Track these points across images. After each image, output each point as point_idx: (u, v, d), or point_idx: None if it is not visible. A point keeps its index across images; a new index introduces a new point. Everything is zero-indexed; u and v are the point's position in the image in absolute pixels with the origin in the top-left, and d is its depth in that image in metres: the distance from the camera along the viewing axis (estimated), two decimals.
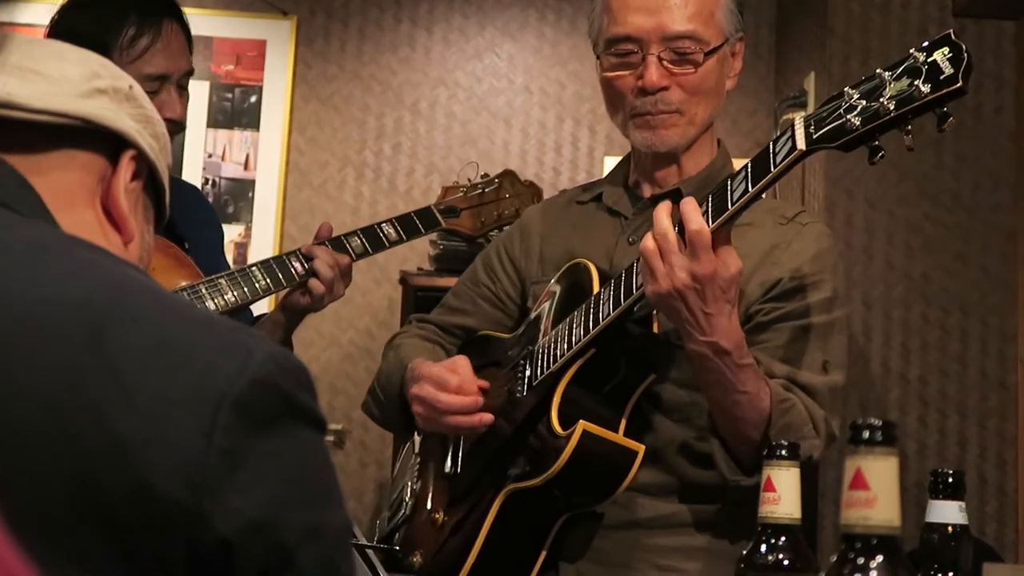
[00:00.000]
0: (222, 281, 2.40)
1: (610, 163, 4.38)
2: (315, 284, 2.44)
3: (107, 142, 1.14)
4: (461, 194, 2.68)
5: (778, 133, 1.79)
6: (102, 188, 1.14)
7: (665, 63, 2.02)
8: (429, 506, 2.13)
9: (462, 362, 2.06)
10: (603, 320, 1.89)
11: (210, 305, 2.37)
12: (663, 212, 1.80)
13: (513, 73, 4.61)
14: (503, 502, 1.98)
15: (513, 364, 2.08)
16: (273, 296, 2.54)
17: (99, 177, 1.14)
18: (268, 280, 2.44)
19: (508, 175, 2.75)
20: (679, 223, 1.79)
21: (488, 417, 2.02)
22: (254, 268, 2.44)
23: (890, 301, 3.85)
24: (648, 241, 1.79)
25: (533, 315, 2.11)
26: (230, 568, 0.91)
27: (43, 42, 1.17)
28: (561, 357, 1.95)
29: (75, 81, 1.11)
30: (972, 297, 3.86)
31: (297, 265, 2.46)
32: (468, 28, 4.62)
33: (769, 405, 1.86)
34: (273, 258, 2.48)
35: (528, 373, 2.03)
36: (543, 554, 1.98)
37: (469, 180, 2.72)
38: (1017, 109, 3.92)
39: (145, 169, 1.18)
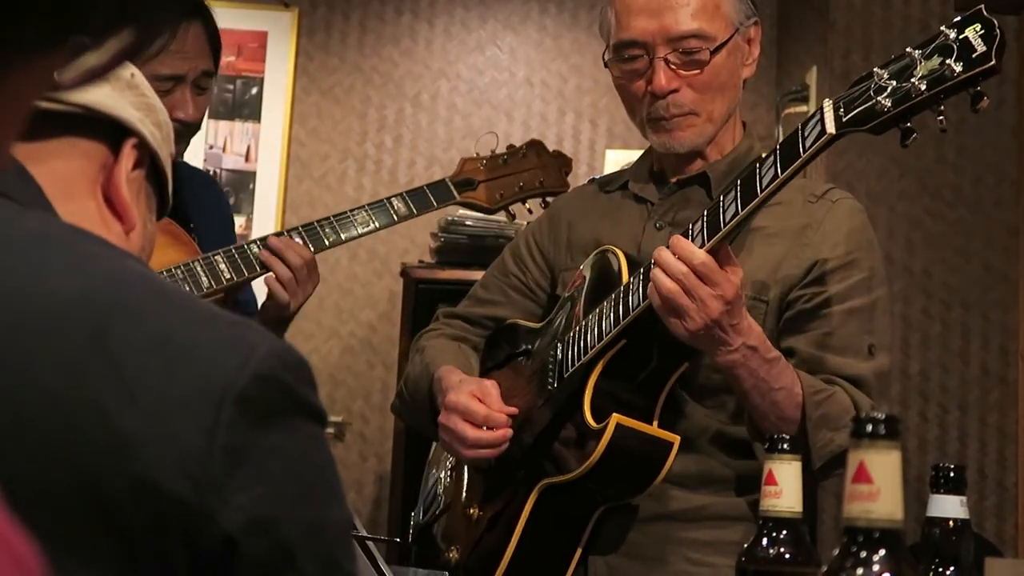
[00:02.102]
0: (218, 259, 2.36)
1: (611, 156, 4.38)
2: (272, 282, 2.36)
3: (109, 130, 1.13)
4: (480, 166, 2.56)
5: (808, 115, 1.77)
6: (103, 177, 1.13)
7: (672, 65, 2.01)
8: (464, 501, 2.12)
9: (490, 389, 2.03)
10: (633, 310, 1.88)
11: (204, 282, 2.32)
12: (667, 255, 1.80)
13: (515, 66, 4.60)
14: (538, 497, 1.97)
15: (543, 355, 2.07)
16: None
17: (100, 165, 1.13)
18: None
19: (535, 145, 2.62)
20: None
21: (508, 433, 2.01)
22: (252, 245, 2.39)
23: (891, 296, 3.84)
24: (666, 284, 1.78)
25: (562, 303, 2.11)
26: (232, 564, 0.90)
27: None
28: (591, 349, 1.94)
29: None
30: (973, 292, 3.86)
31: (298, 240, 2.41)
32: (470, 21, 4.62)
33: (803, 399, 1.86)
34: (273, 235, 2.42)
35: (559, 365, 2.02)
36: (579, 550, 1.97)
37: (492, 151, 2.59)
38: (1019, 104, 3.91)
39: (147, 158, 1.17)
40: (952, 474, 1.46)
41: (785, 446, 1.40)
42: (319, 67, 4.57)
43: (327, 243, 2.42)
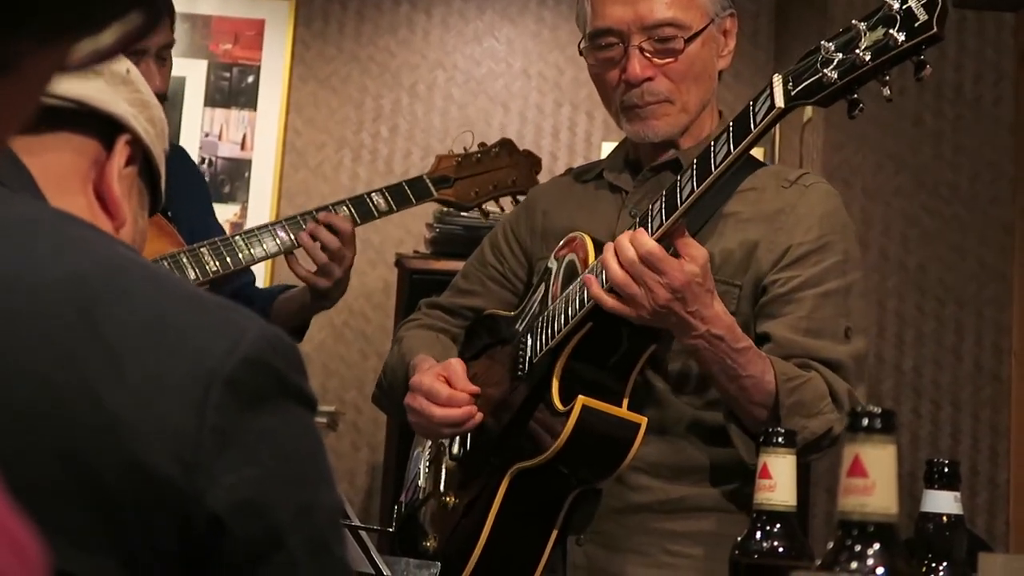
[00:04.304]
0: (204, 250, 2.39)
1: (607, 148, 4.37)
2: (317, 254, 2.45)
3: (102, 126, 1.13)
4: (455, 163, 2.63)
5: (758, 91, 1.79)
6: (95, 172, 1.13)
7: (647, 53, 2.02)
8: (442, 490, 2.14)
9: (455, 367, 2.05)
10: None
11: (190, 274, 2.36)
12: (621, 242, 1.82)
13: (512, 57, 4.60)
14: (510, 482, 1.98)
15: (515, 343, 2.08)
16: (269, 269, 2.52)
17: (92, 161, 1.13)
18: (250, 250, 2.43)
19: (506, 144, 2.69)
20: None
21: (479, 416, 2.02)
22: (237, 237, 2.43)
23: (885, 292, 3.85)
24: (616, 273, 1.81)
25: (534, 291, 2.12)
26: (221, 546, 0.90)
27: None
28: (559, 332, 1.95)
29: None
30: (968, 289, 3.87)
31: (282, 235, 2.45)
32: (467, 11, 4.61)
33: (775, 387, 1.86)
34: (258, 227, 2.47)
35: (528, 351, 2.03)
36: (555, 532, 1.98)
37: (465, 149, 2.67)
38: (1016, 101, 3.92)
39: (140, 154, 1.17)
40: (946, 470, 1.46)
41: (780, 439, 1.39)
42: (316, 56, 4.56)
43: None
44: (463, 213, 3.75)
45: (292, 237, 2.44)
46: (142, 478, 0.88)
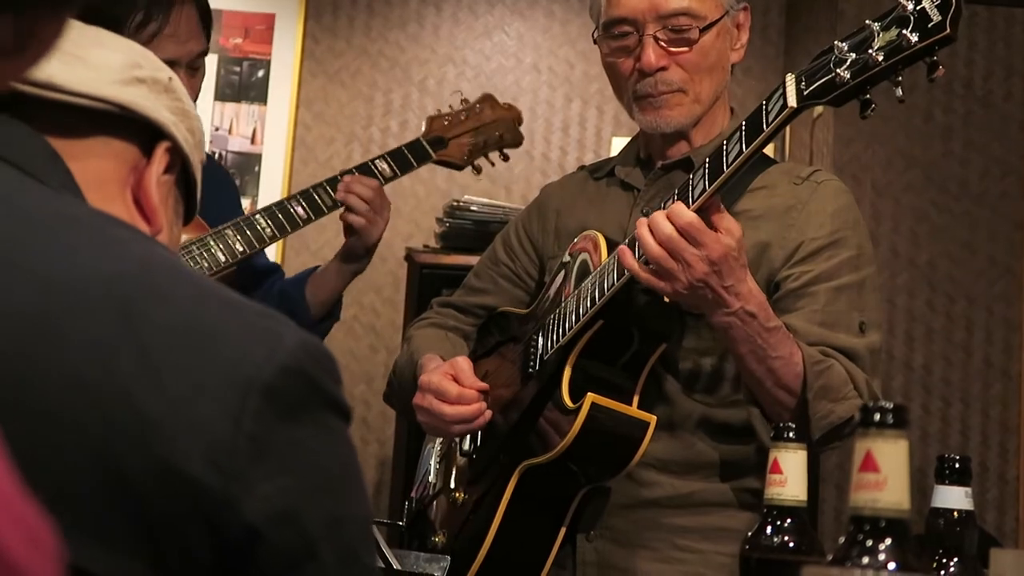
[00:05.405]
0: (228, 231, 2.41)
1: (618, 143, 4.37)
2: (352, 218, 2.48)
3: (142, 132, 1.13)
4: (445, 123, 2.68)
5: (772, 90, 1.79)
6: (134, 178, 1.13)
7: (662, 43, 2.02)
8: (452, 486, 2.14)
9: (462, 365, 2.05)
10: (608, 290, 1.89)
11: (218, 255, 2.38)
12: (657, 217, 1.80)
13: (522, 52, 4.60)
14: (519, 478, 1.98)
15: (527, 340, 2.09)
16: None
17: (132, 167, 1.13)
18: (273, 226, 2.45)
19: (488, 99, 2.75)
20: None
21: (488, 413, 2.03)
22: (258, 215, 2.46)
23: (895, 288, 3.85)
24: (653, 249, 1.79)
25: (547, 289, 2.12)
26: (254, 555, 0.90)
27: (88, 29, 1.16)
28: (570, 330, 1.95)
29: (115, 69, 1.11)
30: (978, 285, 3.86)
31: (299, 209, 2.48)
32: (477, 6, 4.61)
33: (803, 369, 1.86)
34: (275, 203, 2.49)
35: (540, 348, 2.03)
36: (563, 529, 1.99)
37: (451, 107, 2.72)
38: None
39: (179, 162, 1.17)
40: (958, 465, 1.46)
41: (791, 434, 1.40)
42: (326, 50, 4.56)
43: (325, 209, 2.51)
44: (488, 202, 3.79)
45: (308, 210, 2.48)
46: (175, 482, 0.87)
